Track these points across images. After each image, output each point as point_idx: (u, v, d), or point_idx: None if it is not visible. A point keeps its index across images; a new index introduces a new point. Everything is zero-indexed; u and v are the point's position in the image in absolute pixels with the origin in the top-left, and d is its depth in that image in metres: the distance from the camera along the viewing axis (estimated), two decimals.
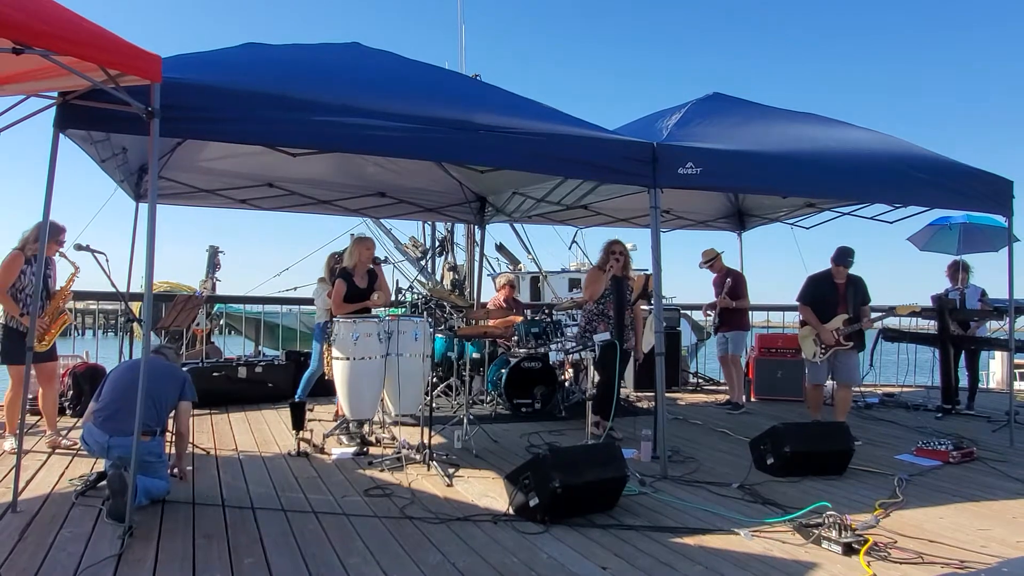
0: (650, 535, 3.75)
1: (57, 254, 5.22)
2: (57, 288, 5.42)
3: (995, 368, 12.33)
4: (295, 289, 14.86)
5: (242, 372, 7.42)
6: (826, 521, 3.68)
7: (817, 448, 5.09)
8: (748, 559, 3.45)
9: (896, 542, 3.67)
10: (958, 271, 7.89)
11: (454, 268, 18.42)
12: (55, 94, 3.88)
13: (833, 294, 6.36)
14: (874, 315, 6.54)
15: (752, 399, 8.57)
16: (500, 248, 20.71)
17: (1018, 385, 11.18)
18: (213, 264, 21.87)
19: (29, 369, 4.36)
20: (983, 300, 7.76)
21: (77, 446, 5.25)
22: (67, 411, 6.52)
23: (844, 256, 6.34)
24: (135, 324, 10.18)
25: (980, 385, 8.47)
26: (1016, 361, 11.88)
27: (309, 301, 8.15)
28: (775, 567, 3.35)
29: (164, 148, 6.28)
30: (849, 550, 3.51)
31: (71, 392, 6.59)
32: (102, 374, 6.71)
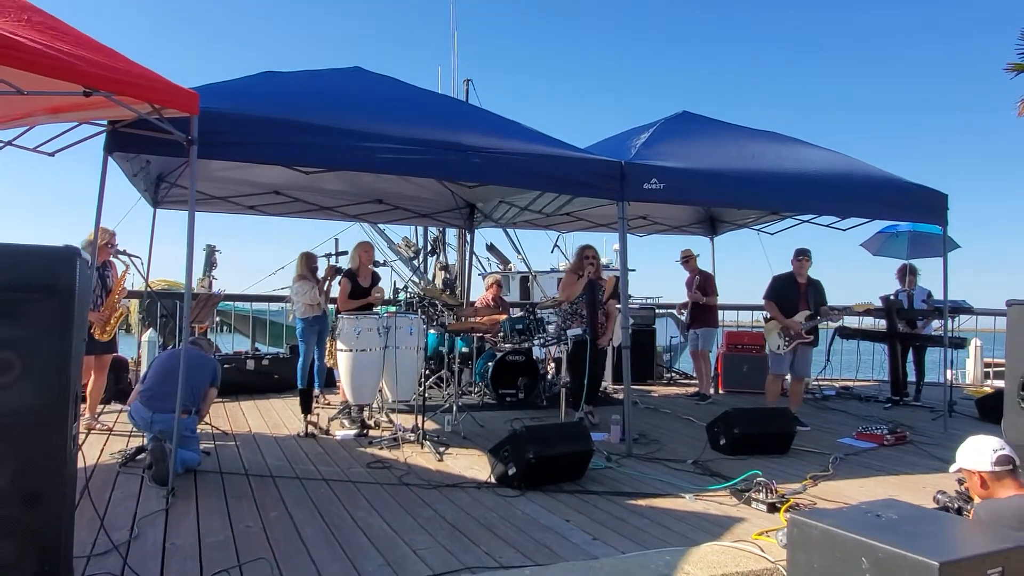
0: (609, 498, 4.46)
1: (112, 255, 5.88)
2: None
3: (970, 367, 13.08)
4: (287, 288, 15.41)
5: (250, 365, 8.09)
6: (755, 486, 4.40)
7: (763, 430, 5.81)
8: (688, 515, 4.17)
9: (815, 504, 4.38)
10: (906, 274, 8.61)
11: (445, 268, 19.11)
12: (104, 122, 4.55)
13: (795, 293, 7.04)
14: (834, 311, 7.25)
15: (720, 391, 9.29)
16: (491, 248, 21.38)
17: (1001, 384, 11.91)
18: (210, 263, 22.34)
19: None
20: (928, 301, 8.49)
21: (109, 428, 5.93)
22: None
23: (800, 252, 7.05)
24: (134, 321, 10.87)
25: (957, 382, 9.16)
26: (993, 361, 12.69)
27: None
28: (708, 520, 4.07)
29: (180, 159, 6.94)
30: (773, 508, 4.23)
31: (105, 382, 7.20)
32: (124, 365, 7.38)
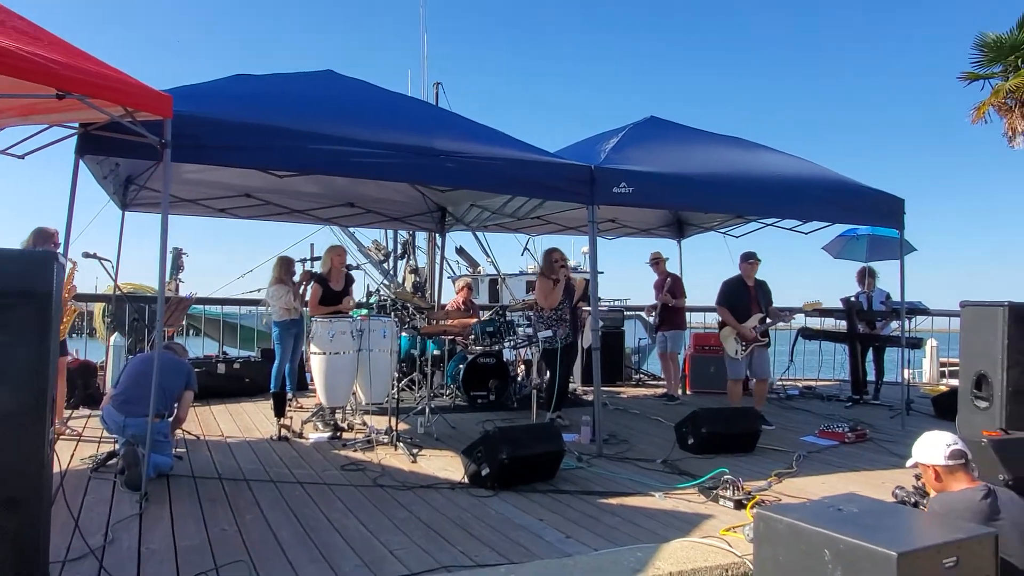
0: (582, 497, 4.55)
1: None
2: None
3: (927, 367, 13.44)
4: (259, 291, 15.31)
5: (221, 368, 8.04)
6: (723, 484, 4.52)
7: (730, 429, 5.95)
8: (658, 512, 4.27)
9: (780, 500, 4.52)
10: (865, 276, 8.87)
11: (415, 271, 19.12)
12: (76, 124, 4.52)
13: (746, 296, 7.19)
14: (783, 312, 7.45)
15: (688, 392, 9.45)
16: (460, 251, 21.44)
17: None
18: (177, 266, 21.99)
19: None
20: (886, 302, 8.74)
21: (79, 434, 5.87)
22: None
23: (749, 255, 7.22)
24: (100, 325, 10.65)
25: (914, 381, 9.42)
26: (949, 360, 13.07)
27: None
28: (678, 517, 4.18)
29: (149, 162, 6.88)
30: (739, 505, 4.35)
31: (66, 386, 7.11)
32: (92, 370, 7.29)
